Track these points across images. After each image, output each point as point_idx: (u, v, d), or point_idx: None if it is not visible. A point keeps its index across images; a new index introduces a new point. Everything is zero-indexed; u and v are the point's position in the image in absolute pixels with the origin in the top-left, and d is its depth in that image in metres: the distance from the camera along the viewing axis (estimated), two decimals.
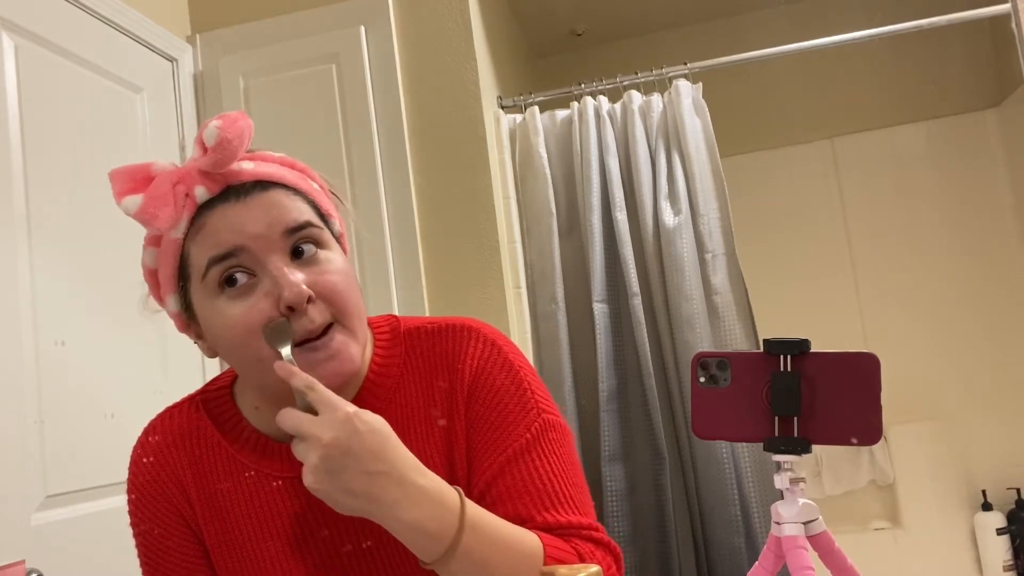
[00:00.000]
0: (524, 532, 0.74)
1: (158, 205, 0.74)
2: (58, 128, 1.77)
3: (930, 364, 3.18)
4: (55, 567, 1.52)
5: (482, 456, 0.81)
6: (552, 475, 0.80)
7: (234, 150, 0.73)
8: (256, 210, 0.75)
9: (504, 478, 0.79)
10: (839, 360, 0.64)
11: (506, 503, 0.78)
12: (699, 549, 2.20)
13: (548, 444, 0.81)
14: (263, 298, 0.74)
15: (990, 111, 3.23)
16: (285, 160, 0.81)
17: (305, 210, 0.78)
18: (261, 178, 0.76)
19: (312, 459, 0.67)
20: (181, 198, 0.74)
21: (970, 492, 3.04)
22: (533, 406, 0.83)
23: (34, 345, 1.60)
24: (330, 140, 2.22)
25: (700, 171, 2.26)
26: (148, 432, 0.91)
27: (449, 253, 2.22)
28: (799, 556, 0.63)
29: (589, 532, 0.79)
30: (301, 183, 0.80)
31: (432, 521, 0.69)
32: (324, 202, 0.82)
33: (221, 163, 0.74)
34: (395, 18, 2.28)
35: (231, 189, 0.75)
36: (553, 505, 0.78)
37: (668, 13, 3.37)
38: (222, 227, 0.74)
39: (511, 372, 0.84)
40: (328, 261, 0.77)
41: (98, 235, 1.79)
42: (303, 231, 0.76)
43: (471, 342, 0.85)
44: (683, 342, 2.19)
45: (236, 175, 0.75)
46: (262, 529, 0.85)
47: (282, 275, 0.73)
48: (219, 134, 0.72)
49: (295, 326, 0.74)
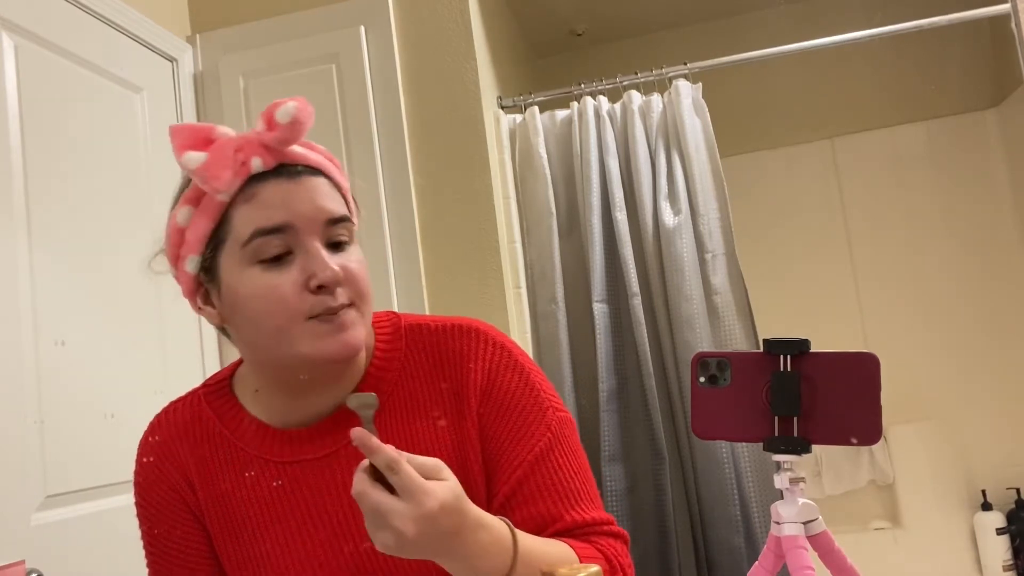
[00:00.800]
0: (561, 548, 0.78)
1: (221, 166, 0.76)
2: (58, 128, 1.77)
3: (930, 364, 3.18)
4: (55, 567, 1.52)
5: (508, 459, 0.84)
6: (572, 472, 0.85)
7: (301, 132, 0.78)
8: (307, 192, 0.79)
9: (532, 480, 0.83)
10: (839, 360, 0.64)
11: (536, 503, 0.82)
12: (699, 549, 2.20)
13: (565, 442, 0.86)
14: (297, 272, 0.77)
15: (990, 111, 3.23)
16: (327, 154, 0.85)
17: (342, 204, 0.82)
18: (313, 164, 0.81)
19: (388, 540, 0.66)
20: (237, 164, 0.77)
21: (970, 492, 3.04)
22: (548, 406, 0.86)
23: (34, 345, 1.60)
24: (330, 140, 2.21)
25: (700, 171, 2.26)
26: (149, 432, 0.92)
27: (449, 253, 2.22)
28: (799, 556, 0.63)
29: (609, 527, 0.85)
30: (340, 179, 0.84)
31: (493, 560, 0.72)
32: (350, 201, 0.86)
33: (287, 141, 0.78)
34: (395, 18, 2.28)
35: (284, 167, 0.79)
36: (578, 502, 0.83)
37: (668, 13, 3.37)
38: (275, 202, 0.77)
39: (522, 374, 0.86)
40: (356, 254, 0.82)
41: (98, 235, 1.79)
42: (341, 224, 0.81)
43: (480, 344, 0.86)
44: (683, 342, 2.19)
45: (292, 155, 0.79)
46: (262, 529, 0.85)
47: (322, 257, 0.77)
48: (295, 114, 0.76)
49: (325, 299, 0.77)
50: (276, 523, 0.85)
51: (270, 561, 0.85)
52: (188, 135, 0.78)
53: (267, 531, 0.85)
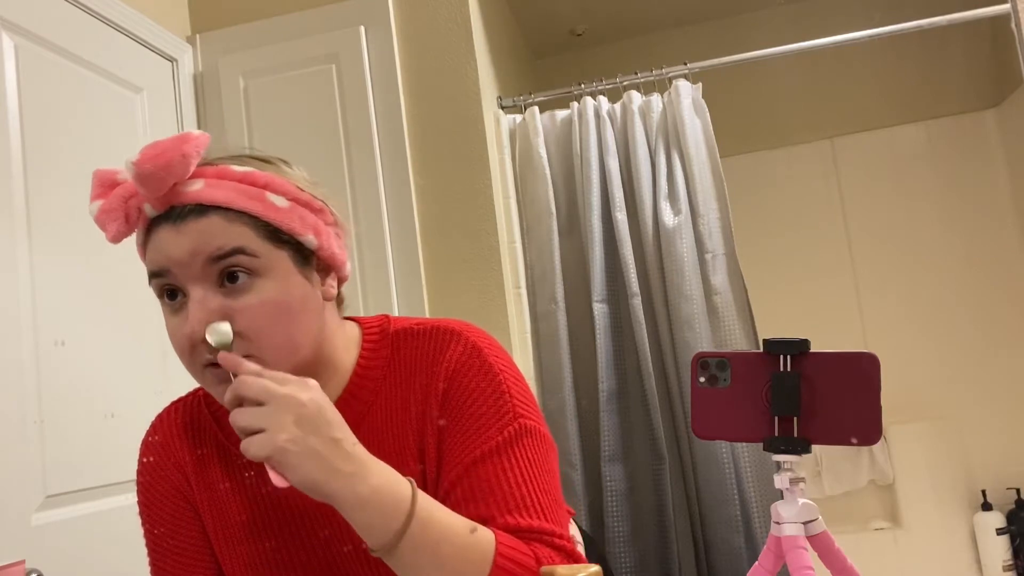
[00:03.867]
0: (478, 527, 0.74)
1: (108, 218, 0.76)
2: (58, 128, 1.77)
3: (930, 364, 3.18)
4: (55, 567, 1.52)
5: (451, 455, 0.81)
6: (521, 480, 0.79)
7: (158, 182, 0.74)
8: (184, 236, 0.75)
9: (470, 478, 0.79)
10: (839, 360, 0.64)
11: (469, 504, 0.78)
12: (699, 549, 2.20)
13: (521, 449, 0.80)
14: (185, 320, 0.75)
15: (990, 111, 3.23)
16: (246, 176, 0.78)
17: (242, 236, 0.76)
18: (201, 201, 0.75)
19: (288, 417, 0.68)
20: (134, 211, 0.77)
21: (970, 492, 3.04)
22: (509, 410, 0.82)
23: (34, 345, 1.60)
24: (330, 140, 2.22)
25: (700, 171, 2.26)
26: (150, 432, 0.92)
27: (449, 253, 2.22)
28: (799, 556, 0.63)
29: (551, 538, 0.77)
30: (252, 204, 0.77)
31: (384, 501, 0.70)
32: (286, 220, 0.78)
33: (149, 193, 0.75)
34: (395, 18, 2.28)
35: (173, 210, 0.76)
36: (517, 509, 0.77)
37: (668, 13, 3.37)
38: (153, 248, 0.77)
39: (488, 374, 0.83)
40: (257, 292, 0.76)
41: (98, 235, 1.78)
42: (229, 259, 0.75)
43: (451, 344, 0.85)
44: (683, 342, 2.19)
45: (179, 196, 0.76)
46: (262, 528, 0.85)
47: (191, 311, 0.75)
48: (134, 170, 0.73)
49: (207, 354, 0.75)
50: (276, 523, 0.85)
51: (270, 561, 0.85)
52: (97, 181, 0.77)
53: (267, 531, 0.85)
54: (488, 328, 0.93)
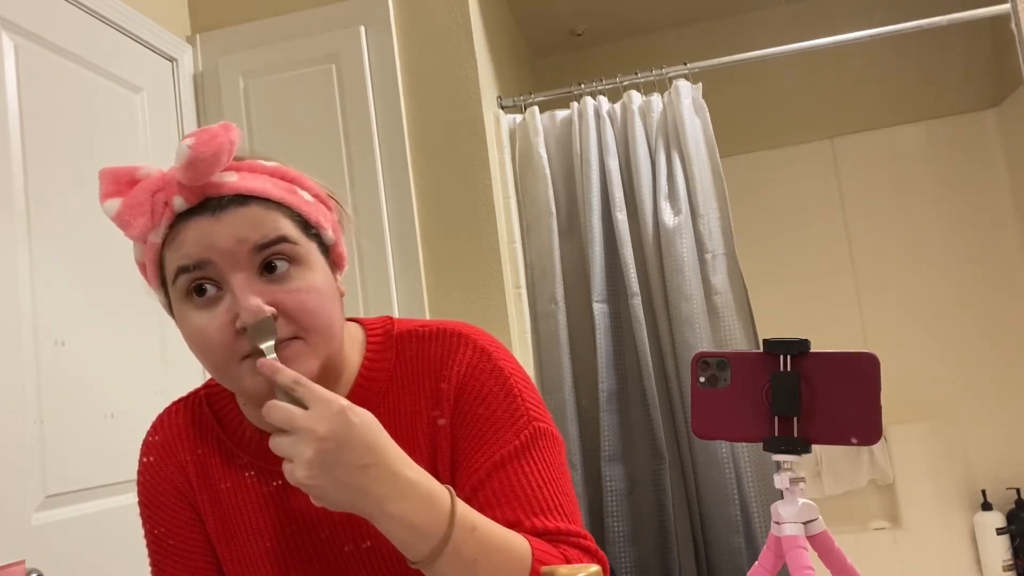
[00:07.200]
0: (513, 534, 0.74)
1: (134, 213, 0.74)
2: (58, 128, 1.77)
3: (930, 364, 3.18)
4: (55, 567, 1.52)
5: (469, 460, 0.81)
6: (542, 482, 0.79)
7: (208, 167, 0.73)
8: (228, 225, 0.74)
9: (492, 482, 0.79)
10: (839, 360, 0.64)
11: (494, 508, 0.78)
12: (699, 549, 2.20)
13: (538, 452, 0.81)
14: (224, 312, 0.74)
15: (990, 111, 3.23)
16: (276, 170, 0.79)
17: (283, 225, 0.77)
18: (240, 192, 0.75)
19: (306, 453, 0.67)
20: (160, 206, 0.75)
21: (970, 492, 3.04)
22: (523, 413, 0.82)
23: (34, 345, 1.60)
24: (330, 140, 2.22)
25: (700, 171, 2.26)
26: (151, 432, 0.92)
27: (449, 253, 2.22)
28: (799, 556, 0.63)
29: (578, 539, 0.78)
30: (287, 196, 0.78)
31: (422, 515, 0.69)
32: (314, 214, 0.80)
33: (194, 180, 0.73)
34: (395, 18, 2.28)
35: (209, 201, 0.75)
36: (542, 511, 0.78)
37: (668, 13, 3.37)
38: (191, 240, 0.74)
39: (500, 378, 0.83)
40: (301, 278, 0.77)
41: (98, 235, 1.79)
42: (274, 247, 0.75)
43: (460, 348, 0.85)
44: (683, 342, 2.19)
45: (215, 188, 0.75)
46: (262, 528, 0.85)
47: (242, 296, 0.73)
48: (190, 154, 0.72)
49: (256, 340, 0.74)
50: (276, 523, 0.85)
51: (271, 561, 0.85)
52: (111, 179, 0.75)
53: (267, 531, 0.85)
54: (488, 328, 0.93)
